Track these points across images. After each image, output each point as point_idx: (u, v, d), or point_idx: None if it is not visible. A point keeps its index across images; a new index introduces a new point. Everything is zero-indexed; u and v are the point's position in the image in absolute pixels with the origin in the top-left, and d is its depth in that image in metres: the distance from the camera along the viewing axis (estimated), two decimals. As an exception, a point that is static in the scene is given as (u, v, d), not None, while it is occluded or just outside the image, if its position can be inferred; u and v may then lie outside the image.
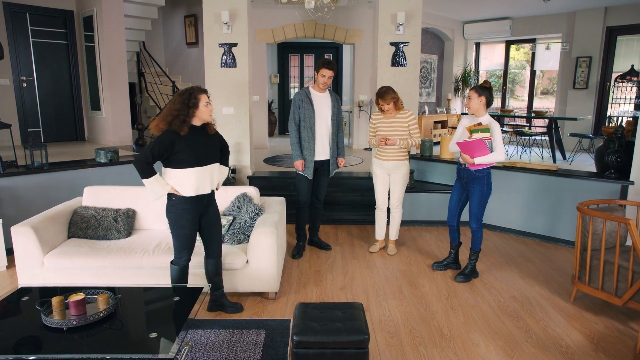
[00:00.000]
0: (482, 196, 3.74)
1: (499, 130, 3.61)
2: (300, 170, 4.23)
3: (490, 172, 3.75)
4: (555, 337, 3.03)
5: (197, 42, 8.94)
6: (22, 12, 6.97)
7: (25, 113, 7.17)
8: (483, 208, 3.80)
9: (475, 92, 3.63)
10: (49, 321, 2.24)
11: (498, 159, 3.61)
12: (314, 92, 4.21)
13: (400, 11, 5.47)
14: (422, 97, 10.07)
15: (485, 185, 3.73)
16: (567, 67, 9.04)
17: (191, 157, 2.86)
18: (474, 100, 3.62)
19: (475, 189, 3.74)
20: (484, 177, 3.71)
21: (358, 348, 2.35)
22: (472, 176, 3.73)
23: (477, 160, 3.58)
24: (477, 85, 3.83)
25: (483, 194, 3.74)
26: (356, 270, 4.13)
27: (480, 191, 3.73)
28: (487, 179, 3.73)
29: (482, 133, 3.57)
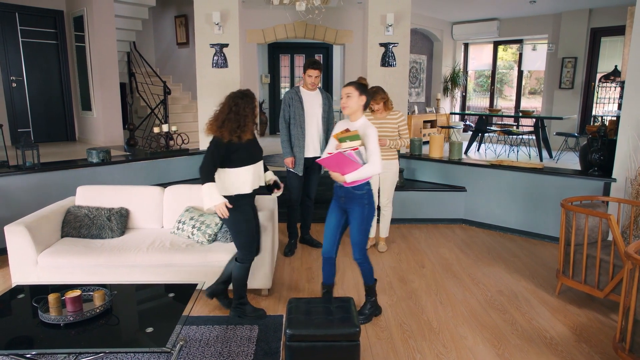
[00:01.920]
0: (362, 219, 3.02)
1: (375, 136, 2.94)
2: (290, 167, 4.31)
3: (370, 189, 3.04)
4: (540, 329, 3.13)
5: (187, 42, 8.95)
6: (11, 12, 6.94)
7: (15, 113, 7.14)
8: (365, 234, 3.08)
9: (356, 90, 2.97)
10: (46, 317, 2.28)
11: (372, 171, 2.92)
12: (304, 90, 4.30)
13: (390, 12, 5.56)
14: (411, 97, 10.18)
15: (366, 205, 3.01)
16: (553, 68, 9.22)
17: (247, 155, 3.06)
18: (354, 99, 2.97)
19: (355, 210, 3.02)
20: (363, 195, 3.00)
21: (349, 341, 2.43)
22: (350, 195, 3.01)
23: (349, 178, 2.88)
24: (357, 81, 3.09)
25: (364, 217, 3.02)
26: (347, 267, 4.20)
27: (361, 213, 3.01)
28: (368, 197, 3.02)
29: (350, 142, 2.87)
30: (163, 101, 7.67)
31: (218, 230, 3.69)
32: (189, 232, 3.70)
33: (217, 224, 3.70)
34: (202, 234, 3.63)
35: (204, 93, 5.79)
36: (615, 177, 4.42)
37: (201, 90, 5.79)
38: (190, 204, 3.97)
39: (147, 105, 8.16)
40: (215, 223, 3.69)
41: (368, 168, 2.90)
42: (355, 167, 2.86)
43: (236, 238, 3.12)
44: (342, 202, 3.08)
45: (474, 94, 11.54)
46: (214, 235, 3.65)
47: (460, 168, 5.53)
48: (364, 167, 2.89)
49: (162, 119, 7.70)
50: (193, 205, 3.96)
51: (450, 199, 5.51)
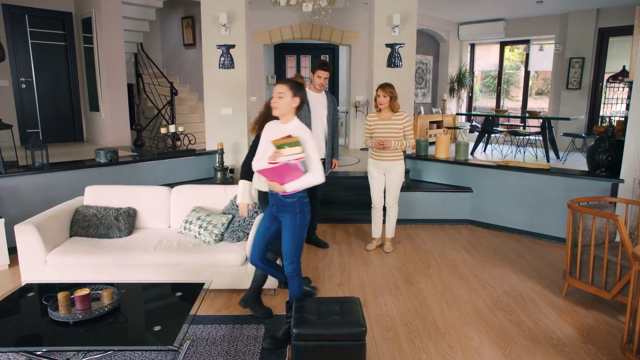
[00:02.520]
0: (294, 229, 2.80)
1: (311, 141, 2.71)
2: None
3: (303, 197, 2.81)
4: (547, 330, 3.12)
5: (194, 43, 9.00)
6: (21, 14, 7.02)
7: (24, 114, 7.22)
8: (298, 245, 2.84)
9: (289, 90, 2.70)
10: (56, 315, 2.31)
11: (314, 181, 2.70)
12: (310, 92, 4.29)
13: (396, 13, 5.56)
14: (417, 98, 10.17)
15: (298, 214, 2.79)
16: (560, 68, 9.17)
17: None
18: (286, 99, 2.69)
19: (286, 219, 2.81)
20: (295, 203, 2.78)
21: (355, 340, 2.43)
22: (281, 203, 2.79)
23: (289, 187, 2.68)
24: (291, 79, 2.81)
25: (295, 226, 2.79)
26: (353, 267, 4.21)
27: (292, 222, 2.79)
28: (301, 205, 2.79)
29: (290, 148, 2.61)
30: (170, 102, 7.72)
31: (225, 230, 3.71)
32: (195, 232, 3.72)
33: (224, 224, 3.72)
34: (209, 233, 3.65)
35: (210, 94, 5.83)
36: (623, 178, 4.40)
37: (208, 91, 5.83)
38: (197, 204, 3.99)
39: (154, 106, 8.21)
40: (222, 223, 3.72)
41: (310, 178, 2.68)
42: (297, 176, 2.65)
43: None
44: (275, 210, 2.87)
45: (480, 94, 11.51)
46: (220, 235, 3.67)
47: (467, 169, 5.52)
48: (305, 176, 2.67)
49: (169, 120, 7.76)
50: (200, 205, 3.98)
51: (457, 199, 5.50)
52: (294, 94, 2.70)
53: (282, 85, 2.70)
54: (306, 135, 2.70)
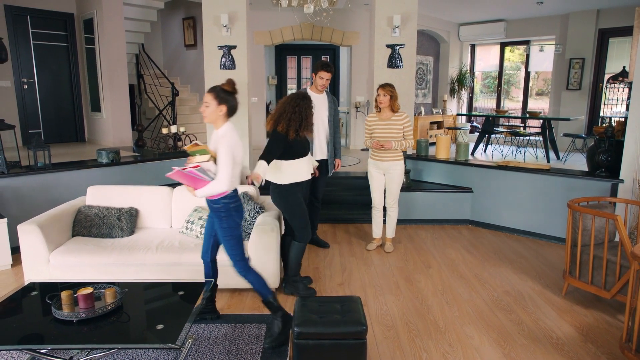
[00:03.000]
0: (224, 231, 2.85)
1: (226, 149, 2.70)
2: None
3: (229, 203, 2.81)
4: (547, 329, 3.14)
5: (195, 44, 9.03)
6: (23, 15, 7.05)
7: (26, 114, 7.25)
8: (234, 247, 2.88)
9: (214, 98, 2.73)
10: (59, 314, 2.33)
11: (218, 188, 2.71)
12: (311, 93, 4.31)
13: (396, 14, 5.58)
14: (418, 98, 10.19)
15: (224, 218, 2.83)
16: (560, 69, 9.19)
17: (302, 149, 3.52)
18: (211, 108, 2.73)
19: (216, 223, 2.88)
20: (220, 209, 2.82)
21: (356, 339, 2.45)
22: (209, 206, 2.88)
23: (199, 193, 2.72)
24: (218, 87, 2.79)
25: (224, 229, 2.84)
26: (354, 267, 4.23)
27: (220, 225, 2.85)
28: (226, 210, 2.81)
29: (200, 156, 2.72)
30: (171, 102, 7.75)
31: (226, 230, 3.73)
32: (197, 232, 3.74)
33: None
34: (210, 233, 3.67)
35: (212, 94, 5.84)
36: (623, 178, 4.41)
37: (209, 92, 5.84)
38: (199, 204, 4.01)
39: (156, 107, 8.24)
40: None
41: (214, 185, 2.70)
42: (204, 182, 2.69)
43: (292, 220, 3.51)
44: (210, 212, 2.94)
45: (480, 95, 11.53)
46: (222, 234, 3.69)
47: (467, 169, 5.54)
48: (212, 183, 2.70)
49: (170, 120, 7.78)
50: (201, 206, 4.00)
51: (457, 199, 5.52)
52: (218, 103, 2.73)
53: (207, 95, 2.76)
54: (223, 143, 2.71)
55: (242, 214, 2.94)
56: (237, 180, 2.86)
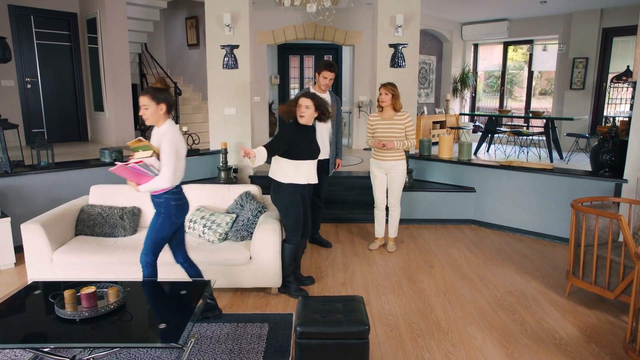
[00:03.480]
0: (154, 226, 2.90)
1: (169, 145, 2.74)
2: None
3: (170, 199, 2.85)
4: (550, 329, 3.12)
5: (198, 43, 9.03)
6: (26, 15, 7.07)
7: (29, 114, 7.27)
8: (155, 242, 2.90)
9: (152, 100, 2.74)
10: (62, 313, 2.33)
11: (161, 184, 2.76)
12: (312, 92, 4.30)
13: (399, 13, 5.58)
14: (420, 98, 10.17)
15: (162, 215, 2.87)
16: (564, 68, 9.16)
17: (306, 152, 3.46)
18: (151, 109, 2.75)
19: (154, 215, 2.94)
20: (161, 204, 2.86)
21: (358, 339, 2.45)
22: (152, 200, 2.92)
23: (142, 188, 2.78)
24: (151, 87, 2.81)
25: (156, 225, 2.89)
26: (356, 266, 4.22)
27: (155, 220, 2.90)
28: (166, 207, 2.85)
29: (143, 152, 2.73)
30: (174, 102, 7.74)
31: (229, 229, 3.73)
32: (200, 231, 3.75)
33: (228, 223, 3.74)
34: (213, 232, 3.68)
35: (214, 94, 5.86)
36: (627, 178, 4.39)
37: (212, 91, 5.86)
38: (201, 204, 4.02)
39: (158, 106, 8.23)
40: (226, 222, 3.74)
41: (158, 180, 2.74)
42: (147, 178, 2.73)
43: (285, 220, 3.53)
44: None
45: (483, 94, 11.51)
46: (224, 234, 3.70)
47: (470, 169, 5.52)
48: (155, 179, 2.74)
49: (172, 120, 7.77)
50: (204, 205, 4.01)
51: (460, 199, 5.51)
52: (157, 103, 2.76)
53: (144, 98, 2.76)
54: (165, 140, 2.75)
55: (184, 212, 2.97)
56: (181, 176, 2.91)
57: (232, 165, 5.82)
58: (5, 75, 6.91)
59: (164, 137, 2.77)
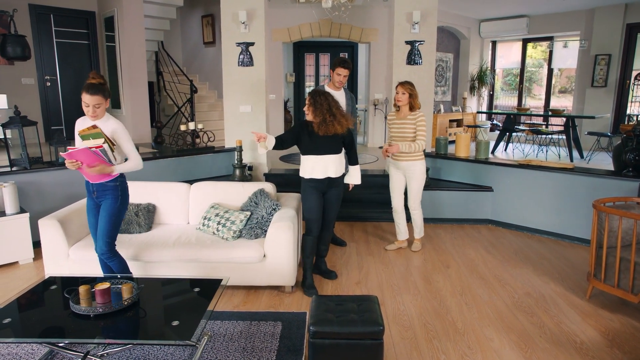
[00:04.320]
0: (113, 211, 2.98)
1: (126, 133, 2.98)
2: None
3: (124, 181, 3.05)
4: (570, 333, 3.04)
5: (214, 41, 9.06)
6: (46, 14, 7.17)
7: (48, 111, 7.38)
8: (115, 226, 3.01)
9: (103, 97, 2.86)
10: (77, 308, 2.34)
11: (138, 164, 3.01)
12: (329, 89, 4.27)
13: (416, 10, 5.50)
14: (437, 96, 10.05)
15: (119, 197, 2.99)
16: (585, 65, 8.95)
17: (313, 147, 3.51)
18: (103, 106, 2.89)
19: (107, 201, 2.97)
20: (117, 187, 2.99)
21: (373, 339, 2.41)
22: (102, 187, 2.96)
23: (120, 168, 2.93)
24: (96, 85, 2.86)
25: (115, 208, 2.98)
26: (371, 266, 4.18)
27: (112, 205, 2.98)
28: (122, 189, 3.02)
29: (94, 140, 2.82)
30: (190, 99, 7.79)
31: (243, 227, 3.72)
32: (214, 229, 3.74)
33: (242, 220, 3.73)
34: (227, 230, 3.67)
35: (229, 91, 5.86)
36: (651, 178, 4.26)
37: (227, 89, 5.86)
38: (216, 201, 4.02)
39: (174, 104, 8.30)
40: (240, 220, 3.73)
41: (136, 162, 3.00)
42: (102, 161, 2.84)
43: (303, 213, 3.71)
44: (95, 197, 3.03)
45: (501, 92, 11.32)
46: (239, 232, 3.69)
47: (487, 167, 5.42)
48: (132, 160, 2.99)
49: (188, 117, 7.83)
50: (218, 202, 4.01)
51: (477, 198, 5.42)
52: (106, 98, 2.91)
53: (96, 97, 2.83)
54: (121, 129, 2.96)
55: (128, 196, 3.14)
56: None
57: (247, 162, 5.82)
58: (26, 73, 7.03)
59: (118, 128, 2.95)
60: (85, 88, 2.82)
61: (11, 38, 5.19)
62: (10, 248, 4.11)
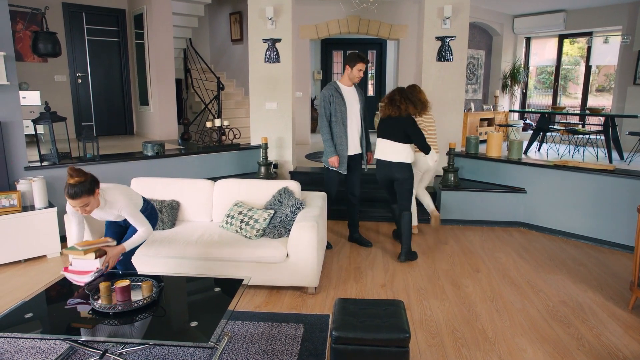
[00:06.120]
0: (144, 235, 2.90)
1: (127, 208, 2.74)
2: (335, 166, 4.20)
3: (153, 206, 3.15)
4: (611, 346, 2.84)
5: (241, 38, 9.06)
6: (78, 12, 7.31)
7: (79, 108, 7.53)
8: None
9: (89, 195, 2.56)
10: (97, 305, 2.31)
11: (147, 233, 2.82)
12: (342, 86, 4.18)
13: (447, 4, 5.32)
14: (468, 94, 9.78)
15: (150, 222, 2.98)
16: (627, 62, 8.50)
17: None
18: (92, 202, 2.60)
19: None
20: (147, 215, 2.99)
21: (398, 347, 2.29)
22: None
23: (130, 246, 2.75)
24: (76, 186, 2.51)
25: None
26: (397, 268, 4.05)
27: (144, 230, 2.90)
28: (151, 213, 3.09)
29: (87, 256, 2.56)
30: (217, 97, 7.80)
31: (266, 225, 3.65)
32: (237, 227, 3.69)
33: (266, 219, 3.66)
34: (250, 228, 3.61)
35: (255, 88, 5.81)
36: (701, 182, 3.98)
37: (253, 85, 5.82)
38: (240, 199, 3.96)
39: (201, 101, 8.34)
40: (264, 218, 3.66)
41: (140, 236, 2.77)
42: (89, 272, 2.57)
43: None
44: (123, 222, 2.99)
45: (534, 91, 10.92)
46: (262, 230, 3.62)
47: (520, 168, 5.20)
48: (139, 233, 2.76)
49: (215, 114, 7.85)
50: (242, 200, 3.95)
51: (509, 200, 5.20)
52: (93, 193, 2.58)
53: (81, 199, 2.52)
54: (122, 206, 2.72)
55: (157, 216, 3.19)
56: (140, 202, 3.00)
57: (272, 160, 5.77)
58: (59, 70, 7.18)
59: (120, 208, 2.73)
60: (66, 191, 2.53)
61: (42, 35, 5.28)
62: (39, 242, 4.17)
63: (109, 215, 2.81)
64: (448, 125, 5.71)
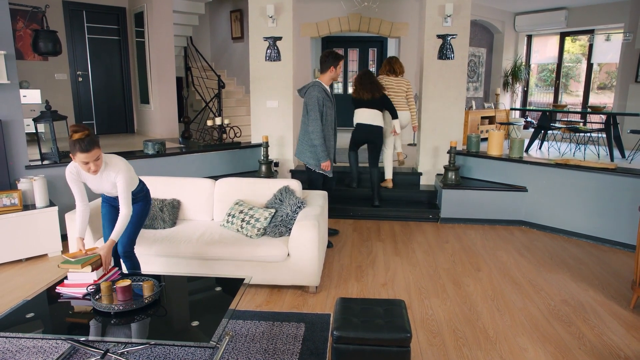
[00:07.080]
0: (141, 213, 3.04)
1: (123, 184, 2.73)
2: (327, 170, 4.23)
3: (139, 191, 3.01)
4: (613, 346, 2.84)
5: (242, 37, 9.05)
6: (79, 10, 7.30)
7: (80, 106, 7.52)
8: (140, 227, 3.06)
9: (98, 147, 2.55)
10: (98, 305, 2.31)
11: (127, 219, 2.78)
12: (327, 88, 4.17)
13: (449, 2, 5.30)
14: (469, 92, 9.76)
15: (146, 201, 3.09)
16: (628, 60, 8.48)
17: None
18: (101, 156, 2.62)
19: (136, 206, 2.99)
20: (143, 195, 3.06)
21: (399, 346, 2.29)
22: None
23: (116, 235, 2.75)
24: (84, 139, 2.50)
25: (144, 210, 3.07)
26: (398, 267, 4.04)
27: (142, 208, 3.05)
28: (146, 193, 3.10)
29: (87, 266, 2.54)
30: (217, 95, 7.80)
31: (267, 224, 3.65)
32: (238, 226, 3.68)
33: (267, 218, 3.66)
34: (251, 227, 3.61)
35: (256, 86, 5.80)
36: (703, 180, 3.97)
37: (254, 83, 5.81)
38: (240, 197, 3.96)
39: (202, 99, 8.33)
40: (265, 217, 3.66)
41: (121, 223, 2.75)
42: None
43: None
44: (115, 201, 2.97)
45: (535, 89, 10.90)
46: (263, 229, 3.62)
47: (521, 166, 5.19)
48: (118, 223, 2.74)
49: (215, 113, 7.84)
50: (243, 199, 3.95)
51: (510, 199, 5.19)
52: (99, 147, 2.59)
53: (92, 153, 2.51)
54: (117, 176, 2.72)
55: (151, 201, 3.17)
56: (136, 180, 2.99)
57: (273, 159, 5.76)
58: (59, 69, 7.17)
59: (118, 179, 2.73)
60: (77, 147, 2.47)
61: (43, 33, 5.27)
62: (40, 240, 4.17)
63: (104, 183, 2.77)
64: (449, 123, 5.70)
